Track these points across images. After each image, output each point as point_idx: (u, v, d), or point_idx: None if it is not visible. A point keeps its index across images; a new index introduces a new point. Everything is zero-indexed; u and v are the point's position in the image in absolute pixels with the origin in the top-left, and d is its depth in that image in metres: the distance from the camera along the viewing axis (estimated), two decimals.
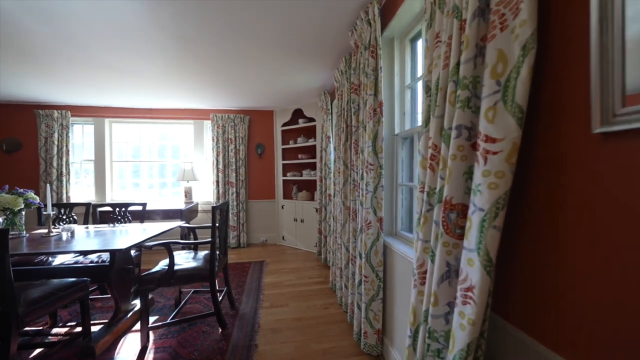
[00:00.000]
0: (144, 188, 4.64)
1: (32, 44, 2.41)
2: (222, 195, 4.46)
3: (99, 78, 3.10)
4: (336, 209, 2.68)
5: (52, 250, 1.73)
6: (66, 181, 4.17)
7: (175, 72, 2.94)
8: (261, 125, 4.70)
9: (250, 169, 4.68)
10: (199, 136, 4.58)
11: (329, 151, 3.37)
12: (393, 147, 1.85)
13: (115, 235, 2.20)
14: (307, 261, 3.79)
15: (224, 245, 2.45)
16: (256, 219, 4.71)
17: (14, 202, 2.06)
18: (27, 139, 4.17)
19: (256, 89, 3.59)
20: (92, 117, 4.32)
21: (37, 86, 3.44)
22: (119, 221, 2.83)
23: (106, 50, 2.45)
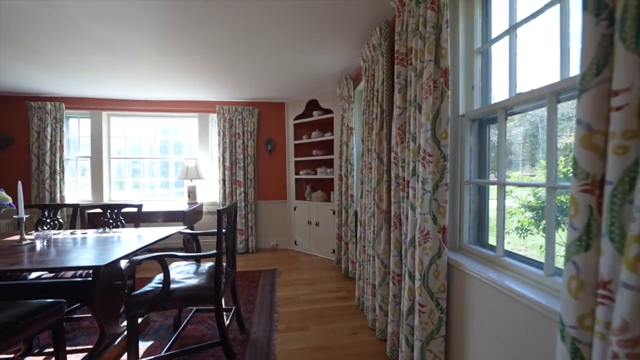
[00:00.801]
0: (145, 187, 4.26)
1: (23, 26, 2.06)
2: (228, 195, 4.05)
3: (92, 58, 2.71)
4: (366, 212, 2.24)
5: (7, 267, 1.33)
6: (60, 179, 3.81)
7: (175, 51, 2.54)
8: (272, 118, 4.28)
9: (259, 166, 4.26)
10: (204, 131, 4.18)
11: (352, 145, 2.93)
12: (458, 133, 1.40)
13: (102, 244, 1.80)
14: (325, 270, 3.36)
15: (232, 255, 2.03)
16: (266, 222, 4.29)
17: None
18: (18, 134, 3.83)
19: (267, 76, 3.17)
20: (88, 109, 3.96)
21: (29, 74, 3.08)
22: (111, 225, 2.44)
23: (99, 25, 2.06)
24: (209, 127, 4.20)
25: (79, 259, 1.46)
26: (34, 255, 1.59)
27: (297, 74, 3.14)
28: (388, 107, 1.91)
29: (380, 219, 1.94)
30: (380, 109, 1.95)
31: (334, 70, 3.01)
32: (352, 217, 2.92)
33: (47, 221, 2.43)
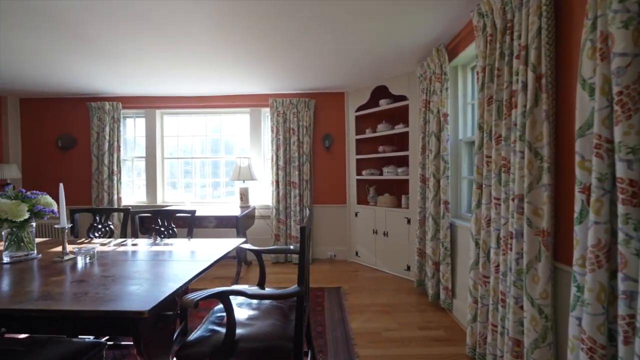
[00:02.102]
0: (196, 188, 4.05)
1: (83, 24, 1.82)
2: (282, 198, 3.63)
3: (148, 47, 2.44)
4: (492, 228, 1.56)
5: (8, 307, 0.95)
6: (117, 180, 3.74)
7: (227, 36, 2.13)
8: (329, 110, 3.75)
9: (315, 165, 3.77)
10: (256, 127, 3.82)
11: (446, 137, 2.24)
12: None
13: (152, 265, 1.42)
14: (401, 293, 2.71)
15: (308, 284, 1.51)
16: (322, 229, 3.78)
17: (13, 211, 1.38)
18: (80, 135, 3.86)
19: (326, 60, 2.64)
20: (143, 108, 3.85)
21: (89, 72, 2.97)
22: (162, 233, 2.11)
23: (158, 13, 1.72)
24: (261, 123, 3.83)
25: (119, 299, 1.05)
26: (76, 274, 1.24)
27: (363, 54, 2.56)
28: (550, 69, 1.22)
29: (535, 243, 1.26)
30: (534, 74, 1.27)
31: (417, 43, 2.36)
32: (447, 231, 2.24)
33: (98, 227, 2.19)
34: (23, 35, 2.19)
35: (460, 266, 2.20)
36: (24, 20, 1.98)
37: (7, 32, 2.13)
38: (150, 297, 1.02)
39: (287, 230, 3.66)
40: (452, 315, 2.26)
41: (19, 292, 1.08)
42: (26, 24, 2.02)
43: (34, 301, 1.00)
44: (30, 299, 1.02)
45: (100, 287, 1.13)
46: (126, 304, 0.96)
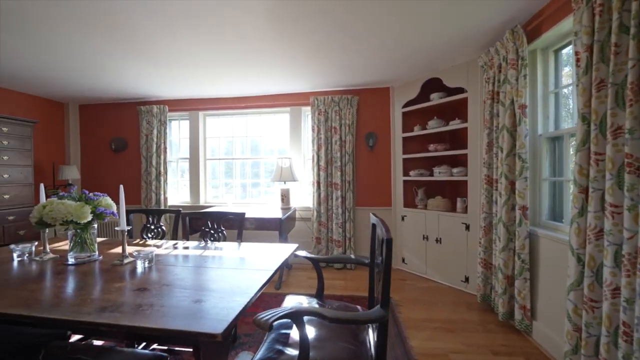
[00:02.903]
0: (237, 188, 4.05)
1: (140, 28, 1.84)
2: (323, 200, 3.48)
3: (197, 48, 2.43)
4: (610, 242, 1.26)
5: (83, 319, 0.87)
6: (164, 181, 3.86)
7: (276, 30, 2.02)
8: (373, 107, 3.54)
9: (358, 166, 3.57)
10: (296, 126, 3.72)
11: (524, 131, 1.93)
12: None
13: (209, 275, 1.33)
14: (461, 308, 2.43)
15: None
16: (366, 233, 3.57)
17: (78, 212, 1.37)
18: (131, 137, 4.04)
19: (371, 52, 2.43)
20: (187, 110, 3.93)
21: (140, 77, 3.08)
22: (212, 236, 2.05)
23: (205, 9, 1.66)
24: (301, 123, 3.72)
25: (187, 316, 0.95)
26: (136, 280, 1.18)
27: (415, 45, 2.33)
28: None
29: None
30: None
31: (483, 27, 2.07)
32: (525, 241, 1.93)
33: (151, 228, 2.20)
34: (83, 43, 2.26)
35: (543, 283, 1.88)
36: (88, 28, 2.03)
37: (72, 40, 2.22)
38: (219, 314, 0.90)
39: (328, 233, 3.51)
40: (531, 339, 1.94)
41: (84, 300, 1.03)
42: (89, 31, 2.08)
43: (101, 313, 0.93)
44: (97, 309, 0.95)
45: (164, 297, 1.05)
46: (196, 324, 0.84)
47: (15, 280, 1.25)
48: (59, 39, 2.23)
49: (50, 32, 2.11)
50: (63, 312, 0.93)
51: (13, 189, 3.06)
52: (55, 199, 1.41)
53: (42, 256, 1.56)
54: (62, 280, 1.25)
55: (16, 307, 0.98)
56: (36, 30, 2.08)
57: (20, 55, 2.51)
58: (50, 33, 2.12)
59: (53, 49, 2.40)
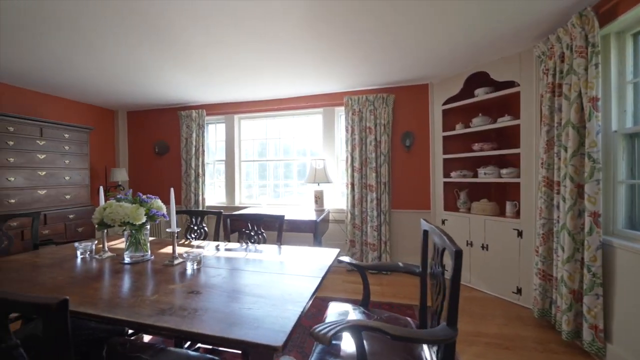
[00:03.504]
0: (270, 189, 4.10)
1: (183, 33, 1.91)
2: (358, 202, 3.40)
3: (235, 51, 2.48)
4: None
5: (148, 322, 0.89)
6: (202, 182, 4.01)
7: (314, 29, 1.98)
8: (410, 105, 3.39)
9: (394, 167, 3.44)
10: (329, 127, 3.67)
11: (595, 128, 1.70)
12: None
13: (256, 279, 1.32)
14: (515, 322, 2.21)
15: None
16: (402, 236, 3.43)
17: (134, 214, 1.44)
18: (172, 141, 4.26)
19: (410, 46, 2.30)
20: (223, 114, 4.06)
21: (181, 83, 3.23)
22: (252, 238, 2.07)
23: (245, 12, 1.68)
24: (334, 123, 3.67)
25: (245, 324, 0.94)
26: (186, 282, 1.21)
27: (458, 37, 2.17)
28: None
29: None
30: None
31: (543, 12, 1.86)
32: (597, 252, 1.70)
33: (194, 228, 2.27)
34: (134, 54, 2.41)
35: (621, 300, 1.64)
36: (138, 41, 2.15)
37: (125, 52, 2.37)
38: (275, 324, 0.87)
39: (362, 236, 3.42)
40: None
41: (144, 301, 1.06)
42: (139, 43, 2.20)
43: (161, 316, 0.94)
44: (157, 312, 0.97)
45: (217, 302, 1.04)
46: (254, 333, 0.82)
47: (81, 278, 1.33)
48: (115, 52, 2.39)
49: (108, 46, 2.27)
50: (128, 313, 0.96)
51: (73, 189, 3.35)
52: (113, 202, 1.49)
53: (101, 254, 1.66)
54: (121, 279, 1.31)
55: (84, 305, 1.03)
56: (101, 46, 2.25)
57: (82, 68, 2.74)
58: (108, 47, 2.28)
59: (110, 61, 2.58)
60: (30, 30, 2.04)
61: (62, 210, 3.18)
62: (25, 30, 2.03)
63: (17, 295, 0.64)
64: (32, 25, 1.98)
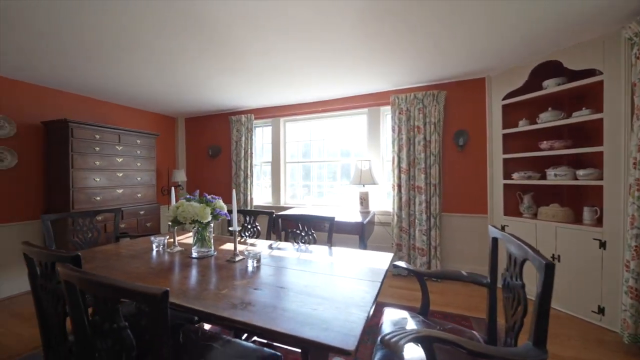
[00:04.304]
0: (313, 190, 4.16)
1: (230, 47, 2.04)
2: (405, 204, 3.27)
3: (285, 54, 2.57)
4: None
5: (224, 315, 0.94)
6: (250, 183, 4.23)
7: (366, 26, 1.95)
8: (464, 102, 3.17)
9: (445, 167, 3.25)
10: (374, 127, 3.60)
11: None
12: None
13: (315, 279, 1.34)
14: (598, 346, 1.92)
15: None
16: (454, 242, 3.22)
17: (201, 213, 1.56)
18: (224, 144, 4.56)
19: (466, 36, 2.12)
20: (269, 117, 4.24)
21: (234, 90, 3.45)
22: (303, 239, 2.11)
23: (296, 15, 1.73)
24: (380, 123, 3.59)
25: (314, 325, 0.96)
26: (246, 277, 1.27)
27: (524, 21, 1.92)
28: None
29: None
30: None
31: None
32: None
33: (248, 227, 2.40)
34: (194, 65, 2.63)
35: None
36: (198, 54, 2.35)
37: (187, 64, 2.60)
38: (343, 327, 0.87)
39: (410, 239, 3.29)
40: None
41: (217, 295, 1.14)
42: (199, 56, 2.40)
43: (234, 309, 1.01)
44: (229, 305, 1.04)
45: (283, 300, 1.08)
46: (325, 335, 0.83)
47: (159, 269, 1.49)
48: (180, 66, 2.65)
49: (174, 62, 2.52)
50: (205, 305, 1.04)
51: (143, 189, 3.78)
52: (184, 201, 1.64)
53: (172, 248, 1.84)
54: (192, 272, 1.43)
55: None
56: (169, 61, 2.51)
57: (152, 82, 3.08)
58: (174, 62, 2.53)
59: (173, 74, 2.86)
60: (112, 51, 2.35)
61: (135, 207, 3.60)
62: (108, 50, 2.34)
63: (127, 284, 0.73)
64: (114, 46, 2.27)
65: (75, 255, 1.01)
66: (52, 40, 2.16)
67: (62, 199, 3.03)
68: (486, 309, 1.31)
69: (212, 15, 1.86)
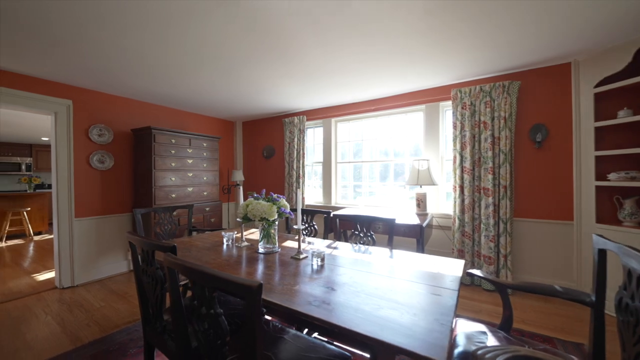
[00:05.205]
0: (365, 190, 4.10)
1: (291, 52, 2.12)
2: (468, 207, 3.01)
3: (340, 53, 2.58)
4: None
5: (301, 310, 0.96)
6: (302, 183, 4.35)
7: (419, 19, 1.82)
8: (543, 92, 2.79)
9: (518, 167, 2.90)
10: (432, 125, 3.39)
11: None
12: None
13: (382, 282, 1.30)
14: None
15: None
16: (529, 251, 2.85)
17: (268, 211, 1.64)
18: (277, 145, 4.77)
19: (549, 15, 1.82)
20: (321, 118, 4.30)
21: (289, 93, 3.58)
22: (362, 240, 2.08)
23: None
24: (438, 120, 3.37)
25: (395, 329, 0.93)
26: (310, 276, 1.29)
27: None
28: None
29: None
30: None
31: None
32: None
33: (305, 226, 2.46)
34: (256, 72, 2.79)
35: None
36: (255, 60, 2.49)
37: (250, 71, 2.78)
38: (429, 337, 0.82)
39: (474, 246, 3.01)
40: None
41: (290, 290, 1.18)
42: (263, 64, 2.54)
43: (309, 306, 1.03)
44: (305, 302, 1.06)
45: (356, 301, 1.07)
46: (410, 342, 0.79)
47: (232, 262, 1.61)
48: (245, 73, 2.84)
49: (239, 69, 2.71)
50: (282, 299, 1.08)
51: (208, 187, 4.16)
52: (252, 200, 1.75)
53: (240, 243, 1.98)
54: (263, 266, 1.51)
55: None
56: (236, 69, 2.72)
57: (217, 89, 3.36)
58: (239, 70, 2.72)
59: (237, 81, 3.09)
60: (191, 65, 2.62)
61: (202, 204, 3.98)
62: (188, 65, 2.62)
63: (225, 275, 0.79)
64: (195, 61, 2.53)
65: (172, 245, 1.14)
66: (144, 62, 2.50)
67: (146, 195, 3.50)
68: (589, 332, 1.12)
69: (279, 23, 1.94)
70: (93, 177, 3.36)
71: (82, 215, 3.25)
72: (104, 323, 2.38)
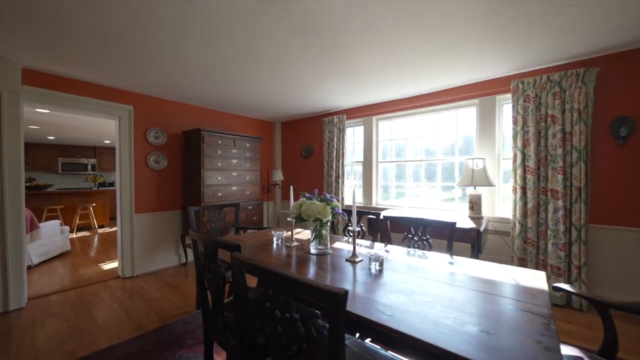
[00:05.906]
0: (410, 191, 3.91)
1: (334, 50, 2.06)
2: (531, 211, 2.70)
3: (379, 51, 2.46)
4: None
5: (375, 320, 0.88)
6: (341, 183, 4.28)
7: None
8: (628, 80, 2.40)
9: (595, 166, 2.54)
10: (488, 120, 3.11)
11: None
12: None
13: (451, 291, 1.18)
14: None
15: None
16: (609, 262, 2.48)
17: (322, 212, 1.60)
18: (316, 145, 4.76)
19: None
20: (361, 117, 4.19)
21: (329, 93, 3.54)
22: (415, 244, 1.96)
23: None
24: (495, 115, 3.08)
25: (484, 348, 0.82)
26: (370, 283, 1.21)
27: None
28: None
29: None
30: None
31: None
32: None
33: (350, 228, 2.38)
34: (298, 72, 2.78)
35: None
36: (303, 62, 2.47)
37: (294, 70, 2.78)
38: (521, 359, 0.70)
39: (538, 254, 2.70)
40: None
41: (352, 296, 1.12)
42: (307, 65, 2.52)
43: (381, 314, 0.96)
44: (377, 311, 0.99)
45: (433, 313, 0.97)
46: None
47: (285, 262, 1.59)
48: (289, 73, 2.85)
49: (283, 69, 2.73)
50: (349, 305, 1.02)
51: (250, 187, 4.28)
52: (305, 200, 1.72)
53: (290, 243, 1.97)
54: (314, 267, 1.47)
55: None
56: (280, 69, 2.74)
57: (260, 90, 3.43)
58: (283, 69, 2.74)
59: (281, 81, 3.11)
60: (238, 68, 2.69)
61: (245, 202, 4.11)
62: (236, 68, 2.69)
63: (311, 281, 0.75)
64: (243, 64, 2.59)
65: (237, 244, 1.14)
66: (197, 62, 2.63)
67: (195, 194, 3.69)
68: None
69: (331, 20, 1.90)
70: (150, 176, 3.62)
71: (141, 212, 3.53)
72: (161, 313, 2.53)
